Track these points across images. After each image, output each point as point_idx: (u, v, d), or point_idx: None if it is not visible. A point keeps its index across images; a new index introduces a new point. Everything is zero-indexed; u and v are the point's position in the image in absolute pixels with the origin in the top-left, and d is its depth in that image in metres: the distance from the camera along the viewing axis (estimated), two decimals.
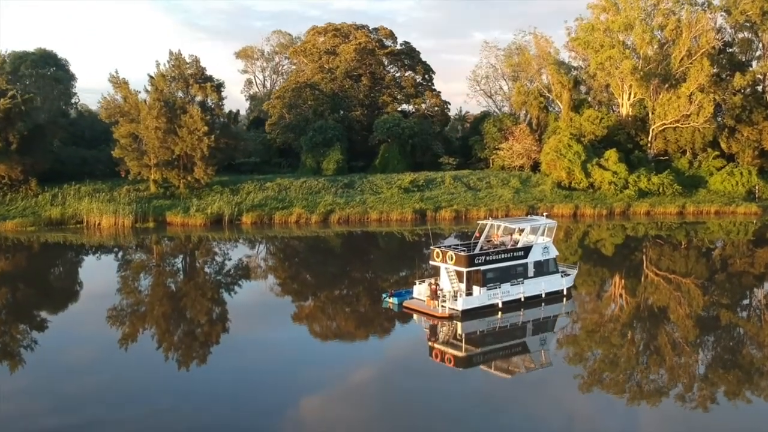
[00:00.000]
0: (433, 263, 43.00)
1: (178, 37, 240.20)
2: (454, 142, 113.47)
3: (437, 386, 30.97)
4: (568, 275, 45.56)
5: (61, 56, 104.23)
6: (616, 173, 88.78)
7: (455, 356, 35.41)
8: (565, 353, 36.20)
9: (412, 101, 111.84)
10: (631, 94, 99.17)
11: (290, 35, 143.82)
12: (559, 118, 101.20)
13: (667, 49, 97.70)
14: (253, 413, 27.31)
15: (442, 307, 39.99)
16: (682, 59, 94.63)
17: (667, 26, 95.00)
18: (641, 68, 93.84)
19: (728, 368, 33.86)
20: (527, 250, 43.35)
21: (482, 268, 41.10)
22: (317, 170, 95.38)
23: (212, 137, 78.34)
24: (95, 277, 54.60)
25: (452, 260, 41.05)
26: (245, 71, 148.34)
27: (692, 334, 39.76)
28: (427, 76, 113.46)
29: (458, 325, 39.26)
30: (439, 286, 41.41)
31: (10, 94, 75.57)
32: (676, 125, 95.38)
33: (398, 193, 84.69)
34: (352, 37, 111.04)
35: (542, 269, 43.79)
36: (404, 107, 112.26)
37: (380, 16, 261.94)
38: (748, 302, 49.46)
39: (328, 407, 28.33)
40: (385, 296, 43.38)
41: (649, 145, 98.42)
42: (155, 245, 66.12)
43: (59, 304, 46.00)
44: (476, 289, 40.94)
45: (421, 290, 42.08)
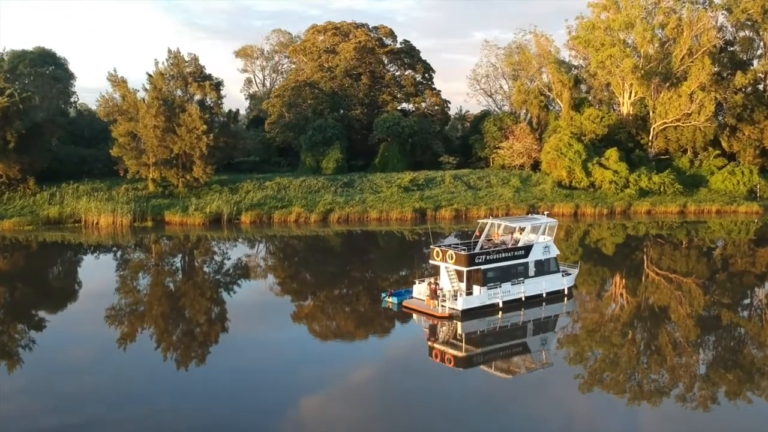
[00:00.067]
0: (432, 262, 42.82)
1: (178, 36, 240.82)
2: (454, 141, 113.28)
3: (437, 386, 30.85)
4: (569, 275, 45.40)
5: (60, 55, 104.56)
6: (616, 172, 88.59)
7: (455, 356, 35.25)
8: (565, 353, 36.06)
9: (412, 100, 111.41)
10: (631, 92, 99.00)
11: (290, 34, 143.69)
12: (559, 117, 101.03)
13: (668, 47, 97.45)
14: (252, 413, 27.20)
15: (442, 306, 39.81)
16: (683, 58, 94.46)
17: (668, 25, 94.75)
18: (642, 67, 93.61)
19: (729, 368, 33.73)
20: (528, 249, 43.15)
21: (482, 267, 40.89)
22: (317, 169, 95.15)
23: (211, 136, 78.04)
24: (94, 276, 54.47)
25: (452, 259, 40.85)
26: (245, 70, 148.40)
27: (693, 333, 39.63)
28: (427, 74, 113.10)
29: (458, 324, 39.10)
30: (438, 285, 41.22)
31: (8, 92, 75.37)
32: (677, 124, 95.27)
33: (398, 192, 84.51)
34: (351, 35, 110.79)
35: (543, 268, 43.61)
36: (404, 106, 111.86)
37: (380, 15, 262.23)
38: (749, 302, 49.33)
39: (327, 407, 28.21)
40: (384, 296, 43.21)
41: (649, 144, 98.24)
42: (154, 244, 65.95)
43: (57, 303, 45.87)
44: (476, 288, 40.73)
45: (420, 290, 41.88)
